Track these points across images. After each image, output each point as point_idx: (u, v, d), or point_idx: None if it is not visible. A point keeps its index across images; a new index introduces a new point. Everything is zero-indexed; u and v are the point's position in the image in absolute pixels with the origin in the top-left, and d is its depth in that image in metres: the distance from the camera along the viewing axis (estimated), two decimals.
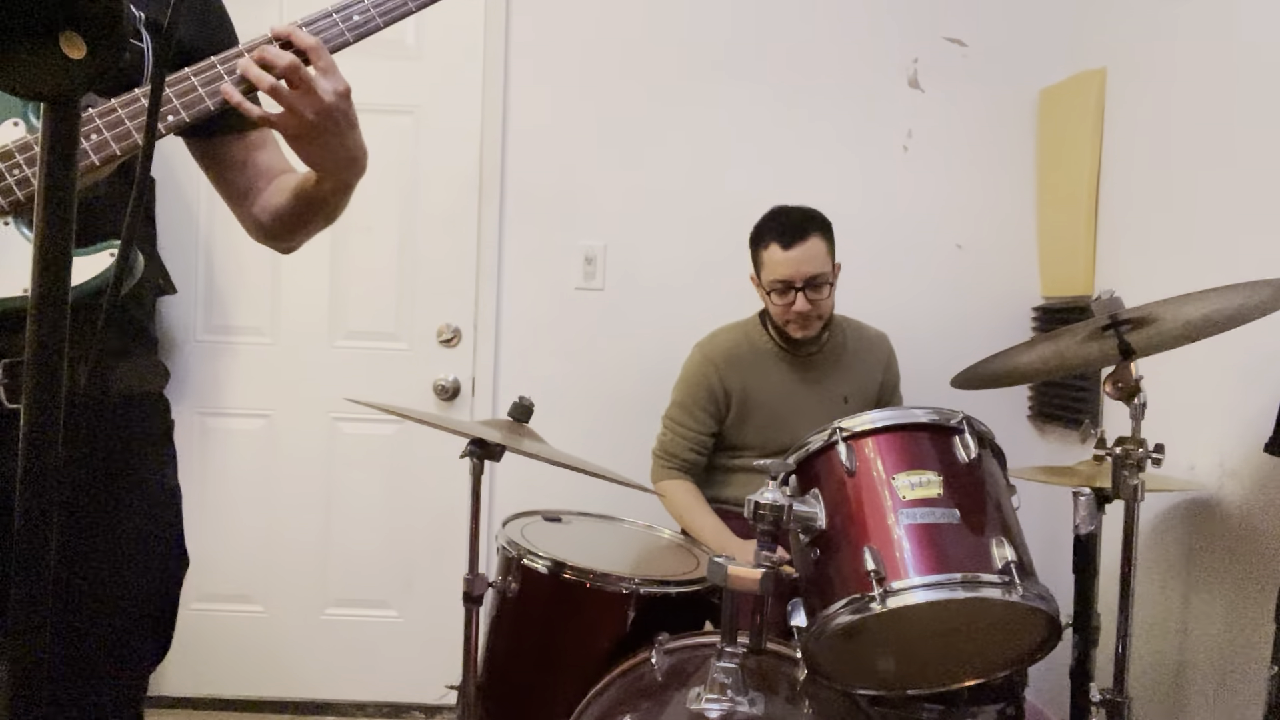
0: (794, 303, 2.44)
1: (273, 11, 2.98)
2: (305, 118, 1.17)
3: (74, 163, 0.54)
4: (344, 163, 1.26)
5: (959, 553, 1.59)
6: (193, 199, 3.05)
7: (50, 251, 0.55)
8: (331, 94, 1.18)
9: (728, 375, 2.55)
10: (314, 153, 1.24)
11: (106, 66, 0.51)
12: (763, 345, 2.58)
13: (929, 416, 1.73)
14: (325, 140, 1.21)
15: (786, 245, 2.43)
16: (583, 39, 3.11)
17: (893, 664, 1.75)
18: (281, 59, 1.15)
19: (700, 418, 2.55)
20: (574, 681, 1.86)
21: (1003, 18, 3.12)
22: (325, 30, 1.21)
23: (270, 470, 3.13)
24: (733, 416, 2.56)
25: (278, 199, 1.36)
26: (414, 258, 3.12)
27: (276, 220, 1.37)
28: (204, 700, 3.11)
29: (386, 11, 1.23)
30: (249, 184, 1.39)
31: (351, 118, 1.22)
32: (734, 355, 2.57)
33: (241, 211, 1.42)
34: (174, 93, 1.15)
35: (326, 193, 1.30)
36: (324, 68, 1.18)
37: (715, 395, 2.55)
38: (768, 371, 2.56)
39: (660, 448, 2.60)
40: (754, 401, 2.54)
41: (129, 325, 1.29)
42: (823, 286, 2.45)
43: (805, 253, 2.43)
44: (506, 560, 1.99)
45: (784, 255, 2.43)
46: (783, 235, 2.45)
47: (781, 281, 2.44)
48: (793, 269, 2.43)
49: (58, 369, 0.55)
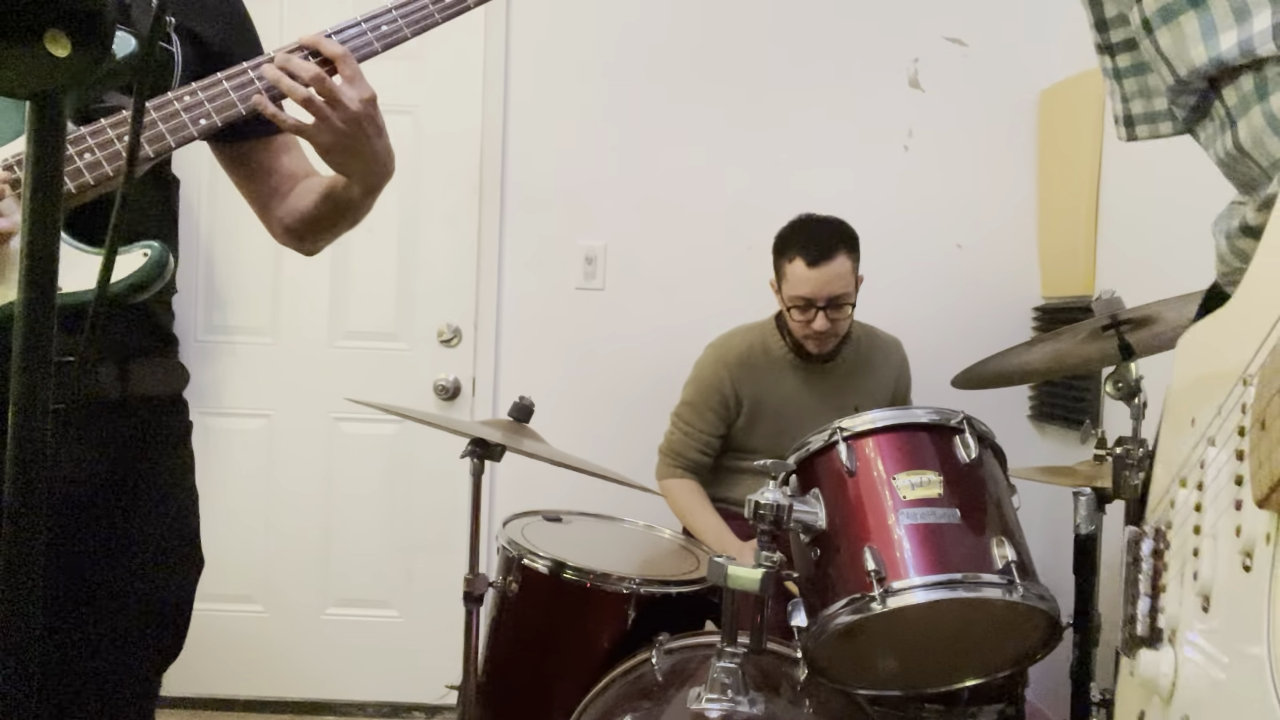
0: (814, 320, 2.39)
1: (273, 11, 2.98)
2: (335, 126, 1.19)
3: (61, 159, 0.54)
4: (373, 168, 1.28)
5: (959, 553, 1.59)
6: (193, 199, 3.05)
7: (38, 249, 0.54)
8: (358, 102, 1.19)
9: (740, 380, 2.52)
10: (344, 160, 1.26)
11: (91, 64, 0.51)
12: (778, 351, 2.54)
13: (929, 416, 1.73)
14: (355, 147, 1.23)
15: (811, 263, 2.36)
16: (583, 39, 3.11)
17: (893, 664, 1.75)
18: (307, 69, 1.17)
19: (709, 419, 2.53)
20: (574, 681, 1.86)
21: (1003, 18, 3.11)
22: (354, 39, 1.22)
23: (270, 470, 3.13)
24: (743, 421, 2.54)
25: (304, 202, 1.37)
26: (414, 258, 3.12)
27: (303, 223, 1.38)
28: (204, 700, 3.11)
29: (415, 22, 1.26)
30: (275, 188, 1.40)
31: (379, 123, 1.24)
32: (748, 360, 2.53)
33: (267, 215, 1.43)
34: (206, 97, 1.16)
35: (356, 197, 1.32)
36: (350, 76, 1.19)
37: (726, 399, 2.52)
38: (781, 379, 2.53)
39: (667, 446, 2.58)
40: (765, 408, 2.53)
41: (152, 326, 1.29)
42: (844, 306, 2.40)
43: (830, 272, 2.35)
44: (507, 560, 1.98)
45: (808, 273, 2.36)
46: (808, 251, 2.37)
47: (803, 299, 2.38)
48: (816, 288, 2.36)
49: (46, 368, 0.55)
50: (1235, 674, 0.58)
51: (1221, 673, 0.60)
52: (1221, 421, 0.65)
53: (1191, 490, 0.69)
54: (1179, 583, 0.69)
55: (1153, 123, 0.94)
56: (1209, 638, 0.63)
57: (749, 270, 2.83)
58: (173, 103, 1.15)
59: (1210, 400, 0.69)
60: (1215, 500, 0.64)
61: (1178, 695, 0.66)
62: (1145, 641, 0.72)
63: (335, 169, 1.28)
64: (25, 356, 0.54)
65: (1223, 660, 0.60)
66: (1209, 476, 0.66)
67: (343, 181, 1.30)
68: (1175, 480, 0.73)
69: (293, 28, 3.03)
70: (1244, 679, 0.56)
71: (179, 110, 1.15)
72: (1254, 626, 0.55)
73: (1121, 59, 0.92)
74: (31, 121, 0.53)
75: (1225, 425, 0.64)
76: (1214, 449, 0.66)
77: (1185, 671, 0.66)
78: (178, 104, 1.15)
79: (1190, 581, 0.66)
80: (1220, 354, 0.71)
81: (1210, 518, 0.65)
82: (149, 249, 1.11)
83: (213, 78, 1.18)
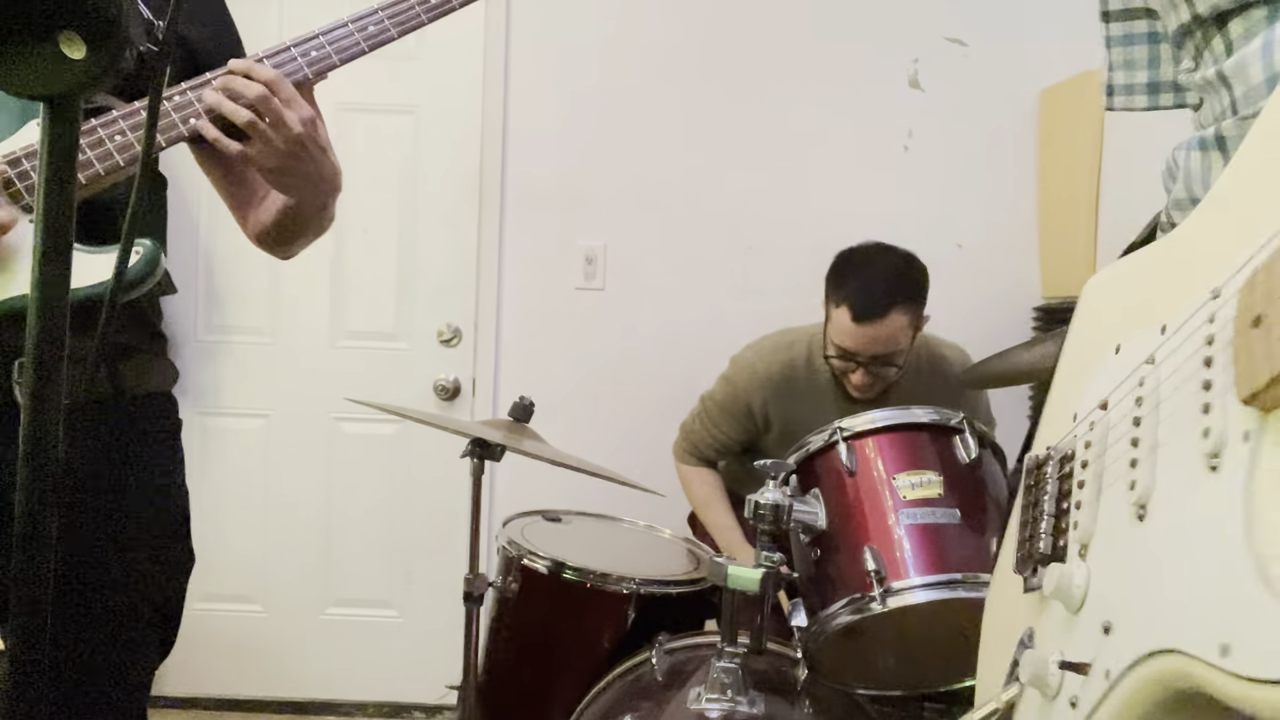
0: (854, 372, 2.17)
1: (273, 11, 2.98)
2: (278, 148, 1.18)
3: (74, 161, 0.54)
4: (320, 186, 1.27)
5: (959, 553, 1.59)
6: (193, 200, 3.05)
7: (52, 248, 0.55)
8: (298, 123, 1.18)
9: (773, 401, 2.30)
10: (289, 181, 1.25)
11: (106, 66, 0.51)
12: (822, 375, 2.28)
13: (929, 416, 1.74)
14: (300, 169, 1.22)
15: (858, 318, 2.09)
16: (583, 39, 3.11)
17: (893, 664, 1.76)
18: (252, 88, 1.16)
19: (730, 425, 2.39)
20: (574, 681, 1.87)
21: (1003, 18, 3.12)
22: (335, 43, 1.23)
23: (270, 470, 3.13)
24: (772, 439, 2.37)
25: (267, 216, 1.37)
26: (414, 258, 3.12)
27: (270, 233, 1.39)
28: (204, 700, 3.11)
29: (401, 24, 1.26)
30: (251, 191, 1.41)
31: (321, 142, 1.23)
32: (789, 381, 2.30)
33: (242, 219, 1.44)
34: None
35: (308, 213, 1.32)
36: (286, 99, 1.18)
37: (753, 414, 2.34)
38: (820, 406, 2.25)
39: (688, 428, 2.47)
40: (799, 431, 2.22)
41: (142, 324, 1.31)
42: (891, 365, 2.15)
43: (879, 331, 2.09)
44: (507, 560, 1.99)
45: (853, 328, 2.10)
46: (858, 304, 2.09)
47: (845, 350, 2.14)
48: (860, 344, 2.12)
49: (59, 366, 0.55)
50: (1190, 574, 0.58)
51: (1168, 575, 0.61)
52: (1176, 339, 0.66)
53: (1126, 408, 0.70)
54: (1096, 499, 0.71)
55: (1129, 95, 0.97)
56: (1147, 544, 0.64)
57: (749, 271, 2.83)
58: (118, 120, 1.15)
59: (1144, 327, 0.71)
60: (1165, 411, 0.65)
61: (1089, 605, 0.68)
62: (1048, 558, 0.74)
63: (281, 191, 1.28)
64: (37, 354, 0.54)
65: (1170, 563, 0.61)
66: (1150, 391, 0.68)
67: (293, 201, 1.30)
68: (1093, 408, 0.75)
69: (293, 28, 3.03)
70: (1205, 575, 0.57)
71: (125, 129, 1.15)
72: (1224, 525, 0.56)
73: (1114, 27, 0.95)
74: (45, 122, 0.54)
75: (1182, 341, 0.65)
76: (1158, 367, 0.68)
77: (1099, 582, 0.68)
78: (123, 122, 1.15)
79: (1122, 494, 0.67)
80: (1158, 284, 0.73)
81: (1153, 429, 0.66)
82: (141, 247, 1.12)
83: None
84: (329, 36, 1.24)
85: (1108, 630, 0.65)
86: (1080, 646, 0.67)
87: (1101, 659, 0.64)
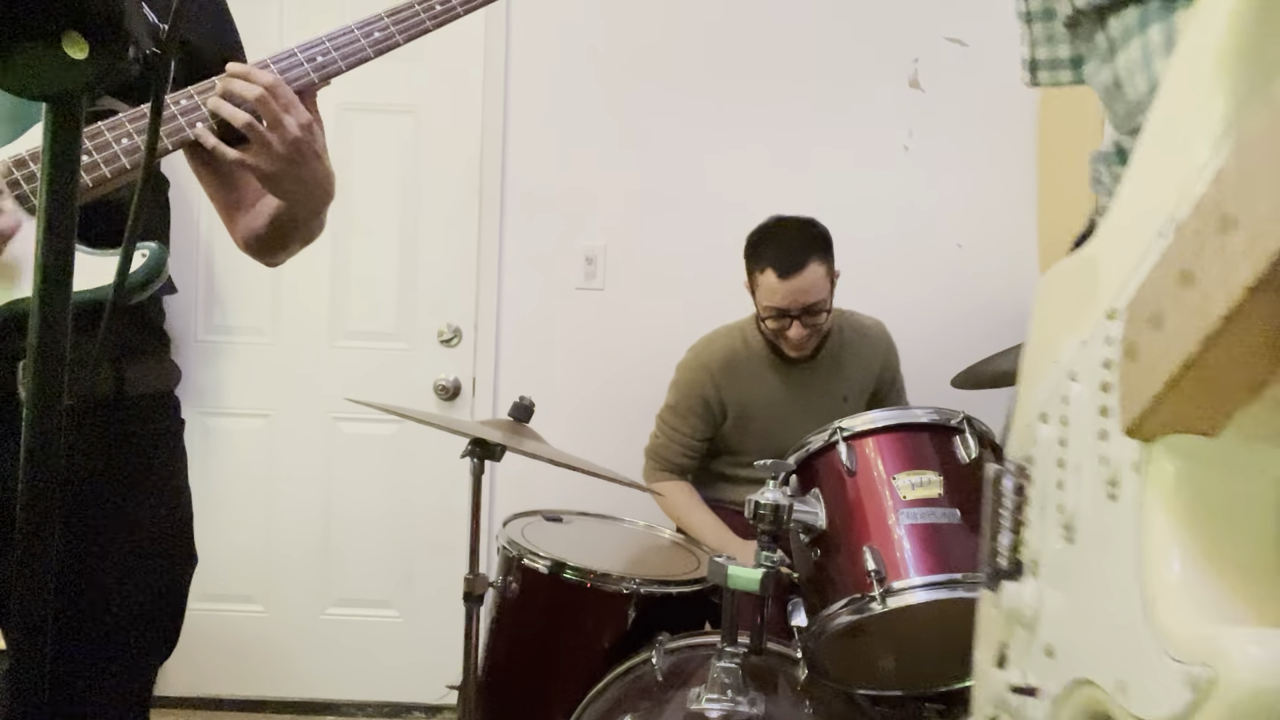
0: (789, 328, 2.37)
1: (273, 11, 2.98)
2: (276, 152, 1.19)
3: (77, 162, 0.54)
4: (315, 193, 1.28)
5: (960, 553, 1.59)
6: (193, 200, 3.05)
7: (54, 250, 0.55)
8: (296, 126, 1.19)
9: (724, 385, 2.49)
10: (285, 186, 1.25)
11: (109, 67, 0.51)
12: (759, 350, 2.51)
13: (930, 416, 1.74)
14: (296, 173, 1.23)
15: (783, 274, 2.33)
16: (583, 39, 3.11)
17: (893, 664, 1.76)
18: (251, 89, 1.17)
19: (693, 423, 2.51)
20: (574, 681, 1.87)
21: (1003, 18, 3.10)
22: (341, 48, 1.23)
23: (270, 470, 3.13)
24: (730, 424, 2.52)
25: (257, 222, 1.38)
26: (414, 258, 3.12)
27: (258, 241, 1.40)
28: (204, 700, 3.11)
29: (407, 30, 1.27)
30: (241, 196, 1.41)
31: (317, 148, 1.24)
32: (731, 363, 2.51)
33: (231, 225, 1.44)
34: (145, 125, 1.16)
35: (300, 220, 1.33)
36: (285, 103, 1.19)
37: (710, 405, 2.50)
38: (765, 378, 2.50)
39: (652, 449, 2.57)
40: (753, 410, 2.51)
41: (145, 324, 1.31)
42: (820, 313, 2.38)
43: (803, 282, 2.33)
44: (507, 560, 1.99)
45: (780, 284, 2.34)
46: (779, 262, 2.34)
47: (777, 309, 2.37)
48: (789, 299, 2.34)
49: (60, 369, 0.55)
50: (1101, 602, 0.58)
51: (1086, 602, 0.60)
52: (1087, 357, 0.65)
53: (1055, 425, 0.69)
54: (1040, 516, 0.70)
55: (1053, 69, 0.98)
56: (1073, 568, 0.63)
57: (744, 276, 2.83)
58: (124, 124, 1.15)
59: (1073, 336, 0.69)
60: (1080, 433, 0.65)
61: (1040, 625, 0.68)
62: (1008, 574, 0.74)
63: (278, 196, 1.28)
64: (39, 357, 0.54)
65: (1087, 589, 0.61)
66: (1073, 411, 0.66)
67: (286, 206, 1.30)
68: (1037, 417, 0.74)
69: (292, 27, 3.04)
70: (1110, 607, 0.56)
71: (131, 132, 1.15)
72: (1121, 555, 0.55)
73: (1034, 2, 0.95)
74: (48, 123, 0.54)
75: (1090, 360, 0.64)
76: (1077, 384, 0.66)
77: (1047, 602, 0.67)
78: (129, 125, 1.15)
79: (1054, 513, 0.67)
80: (1083, 290, 0.71)
81: (1075, 451, 0.65)
82: (147, 249, 1.12)
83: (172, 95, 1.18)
84: (335, 42, 1.24)
85: (1049, 653, 0.64)
86: (1036, 667, 0.67)
87: (1047, 683, 0.64)
